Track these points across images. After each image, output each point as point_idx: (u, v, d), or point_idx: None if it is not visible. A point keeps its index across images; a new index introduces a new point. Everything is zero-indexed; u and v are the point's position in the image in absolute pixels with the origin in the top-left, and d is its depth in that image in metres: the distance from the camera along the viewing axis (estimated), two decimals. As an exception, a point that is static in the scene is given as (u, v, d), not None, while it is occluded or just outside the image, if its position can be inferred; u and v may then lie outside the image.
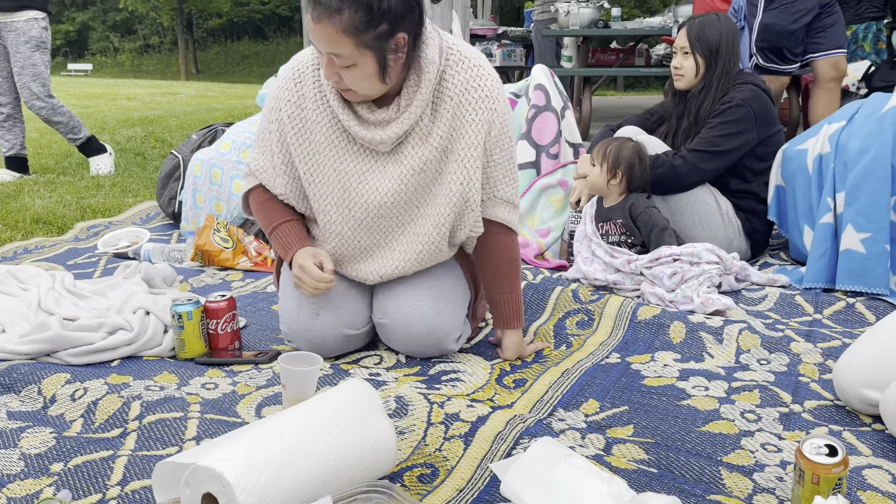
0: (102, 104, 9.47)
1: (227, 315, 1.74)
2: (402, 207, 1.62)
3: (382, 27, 1.41)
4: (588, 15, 5.41)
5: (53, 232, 2.99)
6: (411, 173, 1.58)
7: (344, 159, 1.60)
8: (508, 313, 1.73)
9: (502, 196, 1.67)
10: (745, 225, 2.43)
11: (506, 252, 1.71)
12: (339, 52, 1.41)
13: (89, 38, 35.41)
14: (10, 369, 1.57)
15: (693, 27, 2.43)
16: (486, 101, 1.57)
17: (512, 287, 1.73)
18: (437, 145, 1.57)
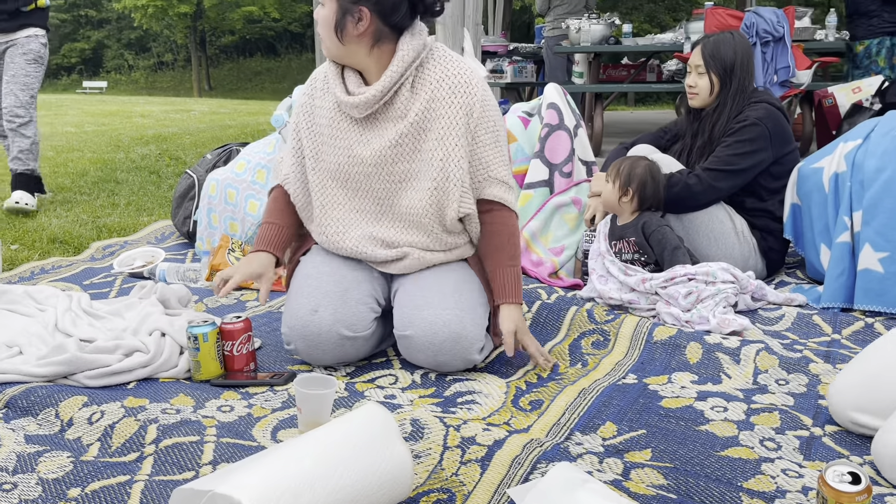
0: (117, 122, 9.57)
1: (242, 336, 1.75)
2: (385, 177, 1.76)
3: None
4: (599, 31, 5.42)
5: (70, 251, 3.02)
6: (389, 145, 1.73)
7: (338, 133, 1.79)
8: (508, 286, 1.76)
9: (495, 175, 1.75)
10: (760, 243, 2.41)
11: (505, 227, 1.78)
12: None
13: (104, 56, 35.85)
14: (28, 392, 1.58)
15: (708, 45, 2.43)
16: (463, 87, 1.71)
17: (512, 259, 1.77)
18: (412, 121, 1.72)
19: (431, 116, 1.72)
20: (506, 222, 1.78)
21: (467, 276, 1.81)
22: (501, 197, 1.76)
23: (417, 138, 1.72)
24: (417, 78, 1.73)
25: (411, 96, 1.73)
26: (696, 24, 4.97)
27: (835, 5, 17.89)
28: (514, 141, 2.84)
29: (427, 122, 1.72)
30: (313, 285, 1.77)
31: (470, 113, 1.71)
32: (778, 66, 4.37)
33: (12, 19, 3.63)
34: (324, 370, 1.80)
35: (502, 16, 9.29)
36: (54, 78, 35.29)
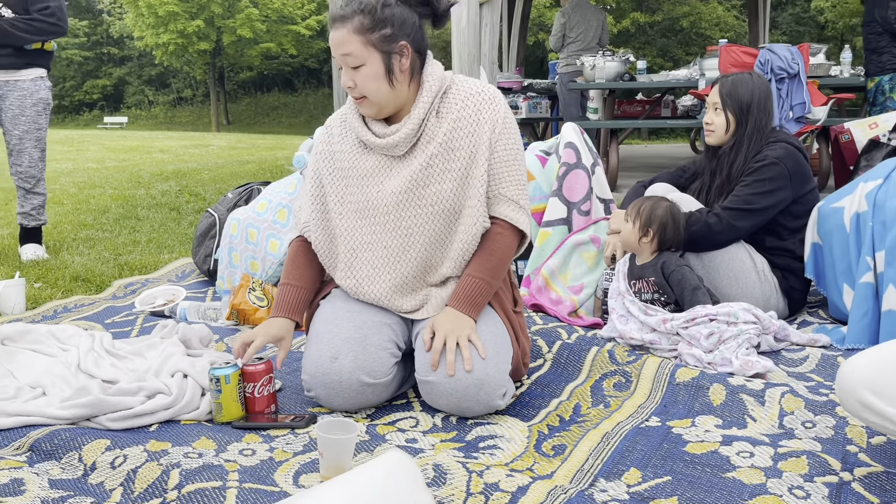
0: (137, 157, 9.73)
1: (263, 378, 1.75)
2: (416, 203, 1.77)
3: (386, 30, 1.69)
4: (614, 68, 5.48)
5: (92, 289, 3.05)
6: (419, 168, 1.76)
7: (365, 171, 1.81)
8: (465, 292, 1.74)
9: (506, 193, 1.77)
10: (781, 282, 2.40)
11: (497, 242, 1.78)
12: (349, 51, 1.68)
13: (125, 91, 36.55)
14: (52, 435, 1.58)
15: (726, 84, 2.45)
16: (488, 104, 1.77)
17: (485, 272, 1.76)
18: (441, 142, 1.75)
19: (459, 135, 1.76)
20: (498, 239, 1.78)
21: (489, 319, 1.79)
22: (508, 215, 1.78)
23: (447, 157, 1.76)
24: (442, 103, 1.79)
25: (437, 122, 1.77)
26: (710, 61, 5.01)
27: (848, 41, 17.95)
28: (532, 179, 2.86)
29: (454, 140, 1.76)
30: (333, 332, 1.77)
31: (493, 128, 1.76)
32: (793, 103, 4.38)
33: (17, 56, 3.45)
34: (344, 413, 1.80)
35: (516, 52, 9.40)
36: (76, 114, 35.99)
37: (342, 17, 1.69)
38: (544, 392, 1.92)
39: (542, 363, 2.11)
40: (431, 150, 1.75)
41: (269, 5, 29.41)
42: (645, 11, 22.75)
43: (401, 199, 1.77)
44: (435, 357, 1.68)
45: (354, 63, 1.69)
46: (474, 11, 4.31)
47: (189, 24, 28.39)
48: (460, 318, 1.71)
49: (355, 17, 1.68)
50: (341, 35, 1.68)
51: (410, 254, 1.79)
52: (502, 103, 1.80)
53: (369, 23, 1.67)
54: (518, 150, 1.80)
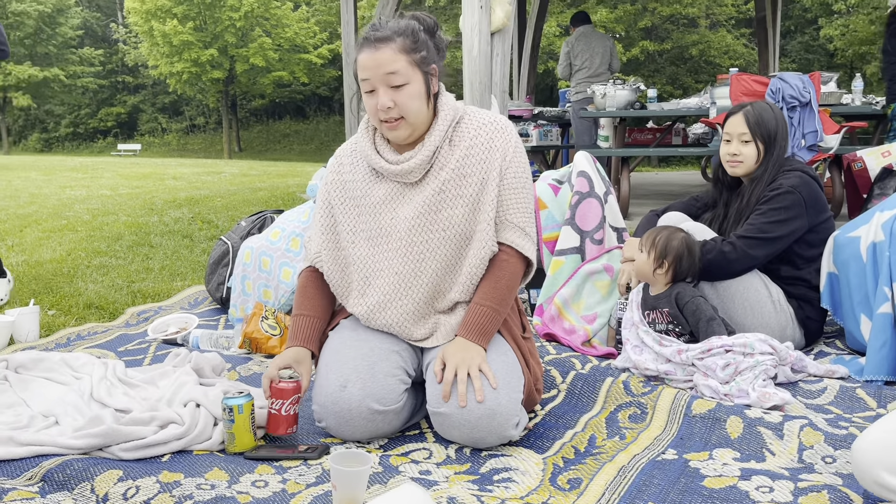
0: (150, 184, 9.81)
1: (293, 397, 1.72)
2: (428, 229, 1.78)
3: (423, 53, 1.74)
4: (624, 97, 5.50)
5: (105, 317, 3.06)
6: (432, 194, 1.78)
7: (376, 197, 1.83)
8: (474, 322, 1.74)
9: (511, 219, 1.79)
10: (797, 312, 2.38)
11: (503, 270, 1.79)
12: (396, 69, 1.70)
13: (139, 119, 36.97)
14: (64, 465, 1.58)
15: (751, 114, 2.44)
16: (500, 133, 1.81)
17: (493, 300, 1.76)
18: (453, 168, 1.78)
19: (471, 161, 1.79)
20: (504, 266, 1.79)
21: (499, 348, 1.78)
22: (514, 242, 1.79)
23: (459, 184, 1.78)
24: (455, 132, 1.82)
25: (450, 150, 1.80)
26: (721, 90, 5.02)
27: (858, 69, 17.98)
28: (544, 208, 2.86)
29: (467, 166, 1.78)
30: (341, 360, 1.77)
31: (504, 155, 1.79)
32: (805, 131, 4.38)
33: None
34: (356, 443, 1.78)
35: (527, 80, 9.47)
36: (90, 141, 36.42)
37: (384, 38, 1.71)
38: (558, 423, 1.90)
39: (556, 394, 2.09)
40: (444, 177, 1.78)
41: (282, 34, 29.80)
42: (654, 40, 22.91)
43: (413, 224, 1.78)
44: (447, 388, 1.66)
45: (399, 81, 1.71)
46: (485, 41, 4.34)
47: (203, 53, 28.78)
48: (470, 348, 1.71)
49: (397, 37, 1.71)
50: (385, 54, 1.70)
51: (422, 279, 1.80)
52: (513, 133, 1.83)
53: (411, 43, 1.72)
54: (526, 179, 1.83)
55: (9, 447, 1.67)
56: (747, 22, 23.04)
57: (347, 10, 7.19)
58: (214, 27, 29.22)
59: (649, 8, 22.42)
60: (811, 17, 22.51)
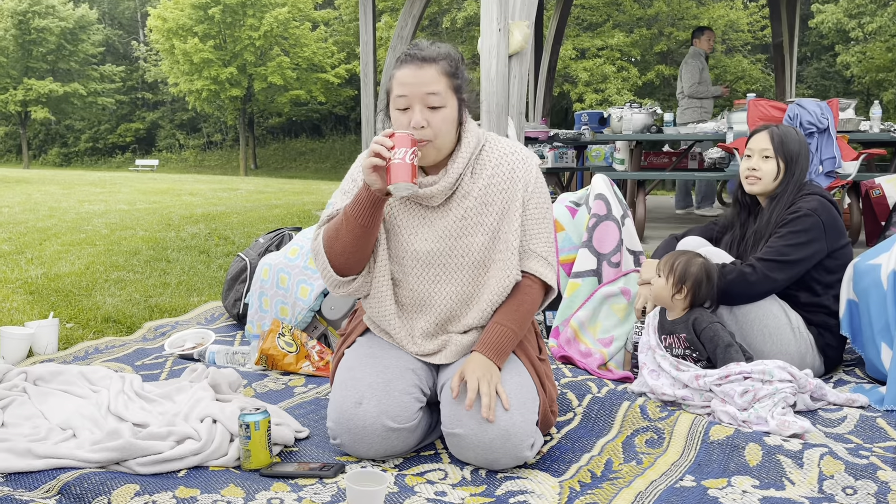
0: (168, 199, 9.90)
1: (414, 147, 1.63)
2: (447, 253, 1.79)
3: (459, 80, 1.77)
4: (641, 120, 5.51)
5: (122, 331, 3.08)
6: (455, 220, 1.79)
7: (398, 216, 1.83)
8: (493, 340, 1.74)
9: (534, 248, 1.80)
10: (817, 340, 2.35)
11: (525, 294, 1.80)
12: (437, 91, 1.71)
13: (157, 135, 37.41)
14: (81, 479, 1.58)
15: (776, 133, 2.45)
16: (522, 163, 1.81)
17: (514, 323, 1.77)
18: (476, 197, 1.79)
19: (493, 191, 1.80)
20: (528, 291, 1.80)
21: (514, 368, 1.78)
22: (537, 270, 1.80)
23: (481, 212, 1.79)
24: (477, 162, 1.82)
25: (472, 179, 1.80)
26: (738, 115, 5.02)
27: (875, 95, 17.95)
28: (561, 230, 2.86)
29: (489, 195, 1.79)
30: (356, 377, 1.77)
31: (526, 186, 1.80)
32: (823, 157, 4.37)
33: None
34: (371, 462, 1.78)
35: (542, 103, 9.51)
36: (109, 156, 36.86)
37: (430, 58, 1.73)
38: (574, 447, 1.89)
39: (572, 417, 2.08)
40: (467, 205, 1.79)
41: (300, 54, 30.14)
42: (670, 64, 22.97)
43: (433, 248, 1.79)
44: (472, 395, 1.65)
45: (437, 103, 1.71)
46: (503, 63, 4.38)
47: (222, 71, 29.15)
48: (489, 366, 1.71)
49: (441, 60, 1.73)
50: (429, 74, 1.71)
51: (437, 301, 1.81)
52: (534, 163, 1.84)
53: (452, 69, 1.74)
54: (547, 210, 1.85)
55: (27, 459, 1.68)
56: (763, 48, 23.08)
57: (366, 31, 7.27)
58: (234, 46, 29.62)
59: (665, 32, 22.52)
60: (828, 43, 22.52)
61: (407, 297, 1.84)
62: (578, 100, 21.69)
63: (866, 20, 19.42)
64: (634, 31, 22.49)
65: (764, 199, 2.50)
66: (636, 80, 21.88)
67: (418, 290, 1.82)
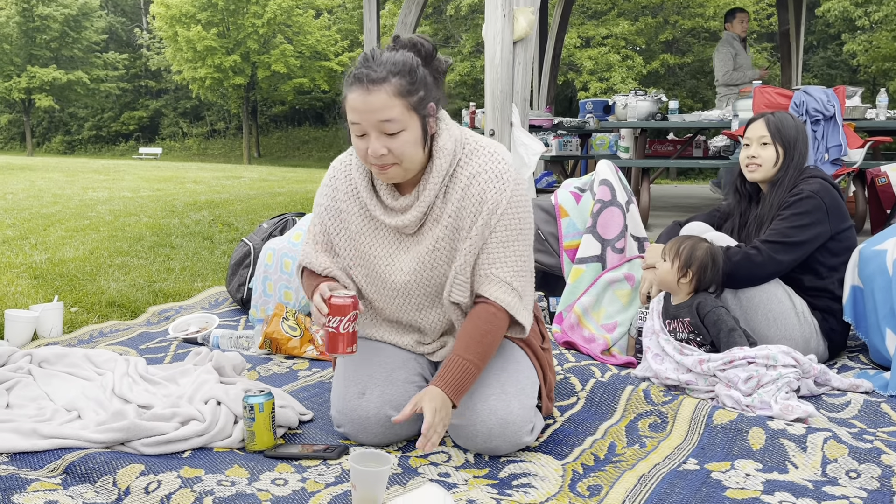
0: (171, 187, 9.90)
1: (351, 313, 1.61)
2: (425, 284, 1.72)
3: (421, 93, 1.58)
4: (646, 108, 5.48)
5: (127, 315, 3.09)
6: (426, 251, 1.69)
7: (374, 243, 1.75)
8: (454, 377, 1.57)
9: (498, 274, 1.66)
10: (822, 325, 2.35)
11: (486, 322, 1.64)
12: (391, 117, 1.54)
13: (161, 123, 37.37)
14: (86, 458, 1.59)
15: (771, 119, 2.44)
16: (495, 182, 1.65)
17: (476, 356, 1.60)
18: (447, 224, 1.67)
19: (463, 214, 1.66)
20: (493, 321, 1.64)
21: (513, 356, 1.77)
22: (498, 297, 1.65)
23: (452, 238, 1.68)
24: (451, 178, 1.67)
25: (443, 201, 1.68)
26: (744, 102, 4.99)
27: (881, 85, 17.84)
28: (565, 216, 2.86)
29: (459, 221, 1.66)
30: (359, 367, 1.78)
31: (495, 209, 1.63)
32: (829, 145, 4.34)
33: None
34: (375, 446, 1.78)
35: (547, 91, 9.47)
36: (112, 144, 36.85)
37: (378, 79, 1.53)
38: (578, 430, 1.89)
39: (576, 401, 2.08)
40: (437, 234, 1.68)
41: (304, 42, 30.05)
42: (675, 53, 22.85)
43: (410, 279, 1.72)
44: (428, 431, 1.48)
45: (395, 129, 1.55)
46: (508, 49, 4.35)
47: (226, 59, 29.08)
48: (445, 403, 1.55)
49: (392, 78, 1.54)
50: (380, 99, 1.53)
51: (425, 325, 1.81)
52: (509, 182, 1.65)
53: (407, 84, 1.55)
54: (521, 232, 1.68)
55: (32, 439, 1.69)
56: (769, 36, 22.93)
57: (370, 18, 7.24)
58: (237, 34, 29.53)
59: (670, 21, 22.39)
60: (834, 32, 22.37)
61: (395, 319, 1.82)
62: (583, 88, 21.60)
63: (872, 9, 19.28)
64: (639, 19, 22.35)
65: (765, 186, 2.49)
66: (641, 69, 21.77)
67: (405, 317, 1.80)
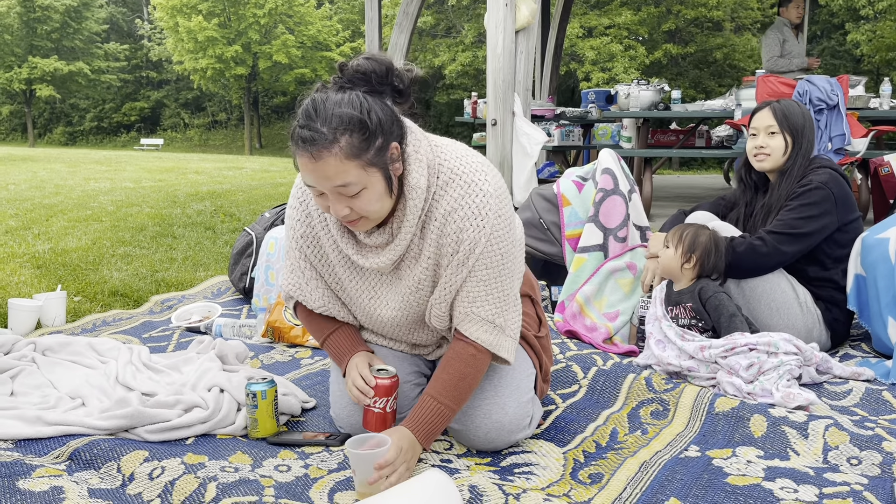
0: (173, 178, 9.89)
1: (395, 393, 1.64)
2: (413, 316, 1.67)
3: (378, 142, 1.41)
4: (648, 97, 5.46)
5: (130, 304, 3.09)
6: (409, 291, 1.62)
7: (354, 278, 1.67)
8: (427, 420, 1.53)
9: (479, 312, 1.56)
10: (825, 315, 2.35)
11: (465, 364, 1.56)
12: (347, 181, 1.39)
13: (162, 114, 37.32)
14: (91, 445, 1.60)
15: (777, 108, 2.43)
16: (472, 220, 1.51)
17: (452, 400, 1.55)
18: (426, 265, 1.58)
19: (441, 253, 1.56)
20: (472, 363, 1.57)
21: None
22: (479, 338, 1.57)
23: (434, 276, 1.60)
24: (428, 210, 1.54)
25: (422, 235, 1.57)
26: (747, 91, 4.98)
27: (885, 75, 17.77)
28: (567, 205, 2.86)
29: (440, 259, 1.57)
30: None
31: (472, 249, 1.52)
32: (833, 134, 4.33)
33: None
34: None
35: (549, 81, 9.44)
36: (114, 135, 36.81)
37: (325, 144, 1.37)
38: (580, 417, 1.90)
39: (578, 389, 2.08)
40: (419, 274, 1.59)
41: (305, 32, 29.95)
42: (678, 43, 22.74)
43: (397, 315, 1.67)
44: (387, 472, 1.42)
45: (354, 191, 1.41)
46: (510, 38, 4.34)
47: (227, 50, 29.00)
48: (414, 448, 1.51)
49: (342, 138, 1.38)
50: (330, 167, 1.37)
51: (418, 341, 1.79)
52: (489, 216, 1.51)
53: (359, 141, 1.39)
54: (504, 267, 1.56)
55: (37, 426, 1.70)
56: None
57: (372, 8, 7.20)
58: (238, 24, 29.43)
59: (673, 11, 22.27)
60: (838, 21, 22.25)
61: (389, 336, 1.79)
62: (585, 79, 21.52)
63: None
64: (642, 9, 22.24)
65: (773, 175, 2.48)
66: (643, 59, 21.67)
67: (398, 336, 1.77)
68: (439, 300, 1.60)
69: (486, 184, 1.52)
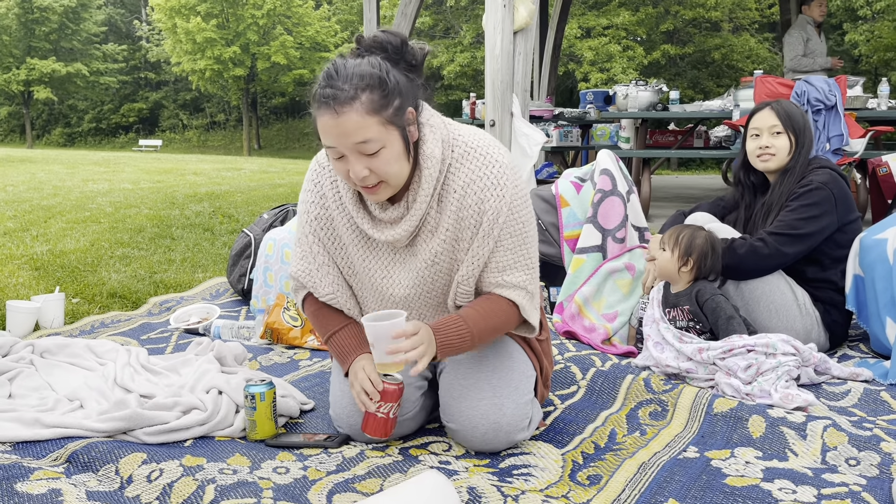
0: (171, 179, 9.89)
1: (400, 399, 1.63)
2: (427, 296, 1.67)
3: (396, 102, 1.47)
4: (646, 98, 5.48)
5: (128, 306, 3.09)
6: (425, 265, 1.62)
7: (368, 256, 1.67)
8: (448, 333, 1.54)
9: (510, 280, 1.61)
10: (824, 317, 2.35)
11: (502, 312, 1.61)
12: (368, 137, 1.44)
13: (160, 115, 37.32)
14: (89, 447, 1.60)
15: (779, 108, 2.43)
16: (492, 190, 1.55)
17: (478, 329, 1.56)
18: (444, 237, 1.59)
19: (461, 226, 1.58)
20: (505, 308, 1.61)
21: (507, 350, 1.73)
22: (519, 302, 1.62)
23: (452, 251, 1.61)
24: (444, 189, 1.58)
25: (438, 211, 1.59)
26: (745, 92, 4.99)
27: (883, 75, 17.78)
28: (566, 205, 2.86)
29: (459, 232, 1.59)
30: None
31: (496, 219, 1.56)
32: (831, 135, 4.34)
33: None
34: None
35: (548, 81, 9.44)
36: (112, 136, 36.80)
37: (347, 99, 1.42)
38: (578, 418, 1.90)
39: (576, 390, 2.08)
40: (435, 247, 1.60)
41: (303, 33, 29.97)
42: (676, 43, 22.76)
43: (410, 293, 1.67)
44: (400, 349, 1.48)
45: (374, 148, 1.45)
46: (508, 39, 4.34)
47: (225, 51, 29.01)
48: (432, 344, 1.53)
49: (362, 94, 1.43)
50: (352, 121, 1.42)
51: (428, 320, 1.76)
52: (508, 186, 1.56)
53: (380, 98, 1.44)
54: (527, 234, 1.62)
55: (35, 429, 1.70)
56: (771, 26, 22.85)
57: (370, 9, 7.20)
58: (237, 25, 29.45)
59: (672, 11, 22.29)
60: (836, 22, 22.27)
61: None
62: (583, 79, 21.54)
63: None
64: (640, 9, 22.26)
65: (773, 175, 2.48)
66: (642, 60, 21.70)
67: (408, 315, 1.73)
68: (467, 276, 1.61)
69: (501, 156, 1.59)
